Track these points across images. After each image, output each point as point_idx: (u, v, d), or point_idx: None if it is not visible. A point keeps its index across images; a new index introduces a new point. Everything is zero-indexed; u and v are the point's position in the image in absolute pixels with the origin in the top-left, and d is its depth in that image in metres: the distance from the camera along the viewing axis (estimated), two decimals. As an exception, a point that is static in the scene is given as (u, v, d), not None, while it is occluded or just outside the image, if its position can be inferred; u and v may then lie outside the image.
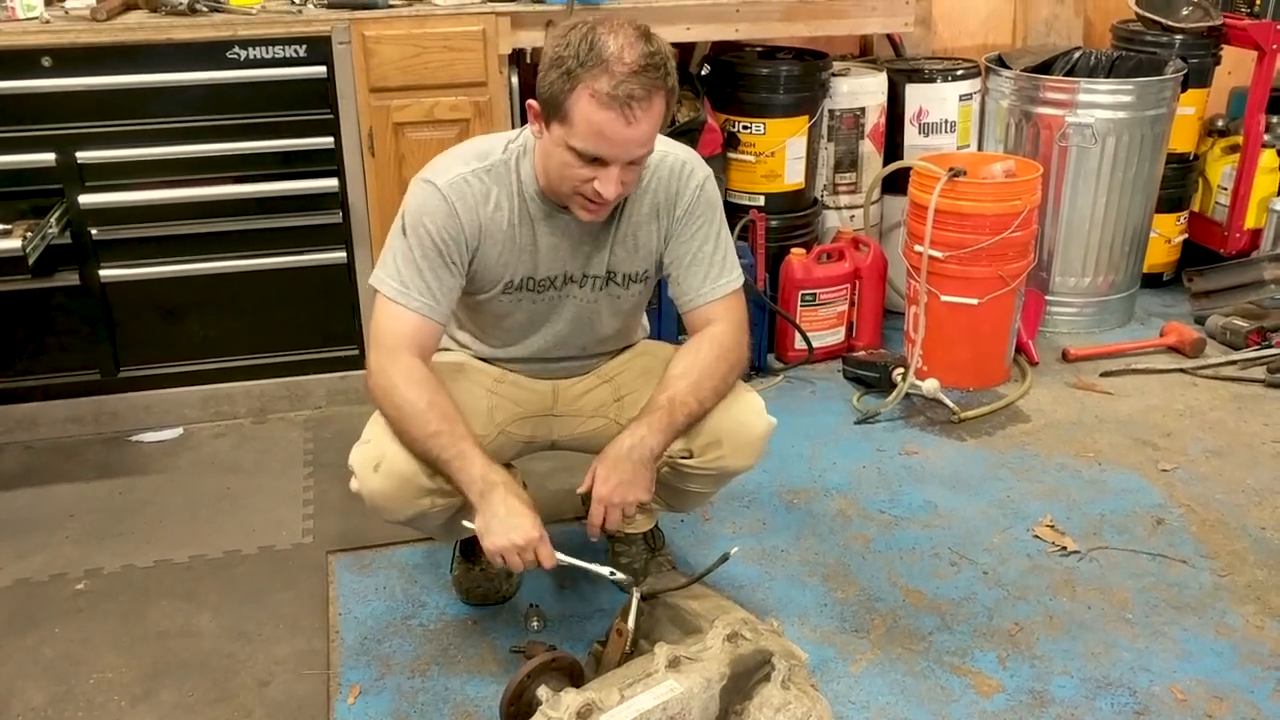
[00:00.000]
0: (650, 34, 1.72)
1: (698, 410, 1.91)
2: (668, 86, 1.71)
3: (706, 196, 1.96)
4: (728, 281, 1.98)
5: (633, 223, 1.95)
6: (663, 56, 1.70)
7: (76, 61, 2.63)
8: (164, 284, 2.87)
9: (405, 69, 2.79)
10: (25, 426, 2.94)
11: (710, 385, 1.92)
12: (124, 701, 2.04)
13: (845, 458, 2.85)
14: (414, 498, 1.90)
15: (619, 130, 1.68)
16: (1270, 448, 2.88)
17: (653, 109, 1.70)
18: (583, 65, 1.66)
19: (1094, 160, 3.36)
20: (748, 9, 3.11)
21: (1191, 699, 2.02)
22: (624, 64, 1.65)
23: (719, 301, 1.97)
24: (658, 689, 1.65)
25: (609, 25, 1.70)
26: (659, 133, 1.78)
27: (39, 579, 2.39)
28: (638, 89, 1.66)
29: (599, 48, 1.66)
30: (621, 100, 1.65)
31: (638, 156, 1.75)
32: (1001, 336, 3.20)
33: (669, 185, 1.93)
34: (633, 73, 1.65)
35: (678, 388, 1.90)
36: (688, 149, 2.00)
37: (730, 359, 1.95)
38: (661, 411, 1.88)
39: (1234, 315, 3.47)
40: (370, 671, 2.09)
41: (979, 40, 3.95)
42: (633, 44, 1.67)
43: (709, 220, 1.97)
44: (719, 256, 1.98)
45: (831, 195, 3.54)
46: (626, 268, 1.99)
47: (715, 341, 1.95)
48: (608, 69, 1.65)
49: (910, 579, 2.36)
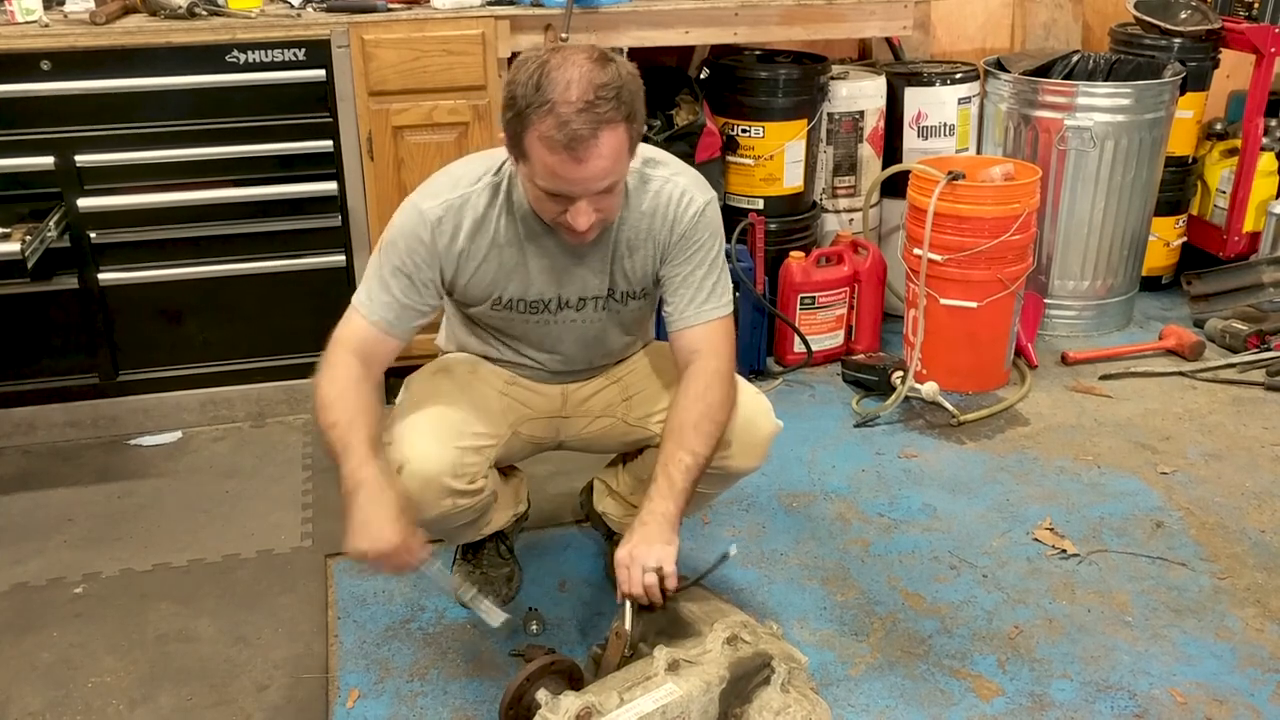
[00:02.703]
0: (608, 60, 1.67)
1: (693, 462, 1.85)
2: (622, 115, 1.65)
3: (705, 223, 1.92)
4: (714, 308, 1.93)
5: (629, 245, 1.93)
6: (614, 87, 1.64)
7: (75, 65, 2.63)
8: (163, 287, 2.86)
9: (404, 72, 2.79)
10: (23, 430, 2.93)
11: (699, 434, 1.86)
12: (122, 706, 2.04)
13: (844, 461, 2.85)
14: (438, 499, 1.91)
15: (572, 170, 1.66)
16: (1269, 451, 2.88)
17: (603, 144, 1.64)
18: (530, 106, 1.63)
19: (1093, 163, 3.36)
20: (746, 13, 3.11)
21: (1191, 702, 2.01)
22: (569, 103, 1.61)
23: (702, 327, 1.92)
24: (657, 692, 1.65)
25: (562, 57, 1.65)
26: (628, 160, 1.73)
27: (37, 583, 2.39)
28: (584, 129, 1.61)
29: (545, 86, 1.62)
30: (566, 143, 1.62)
31: (605, 187, 1.72)
32: (1000, 340, 3.20)
33: (667, 212, 1.90)
34: (579, 111, 1.61)
35: (667, 449, 1.87)
36: (693, 174, 1.96)
37: (710, 398, 1.88)
38: (661, 480, 1.85)
39: (1233, 318, 3.47)
40: (369, 675, 2.09)
41: (977, 44, 3.95)
42: (582, 78, 1.62)
43: (705, 246, 1.93)
44: (709, 282, 1.93)
45: (830, 198, 3.54)
46: (626, 286, 1.98)
47: (690, 388, 1.89)
48: (553, 110, 1.61)
49: (909, 582, 2.36)
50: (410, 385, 2.07)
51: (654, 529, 1.81)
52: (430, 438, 1.90)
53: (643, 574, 1.78)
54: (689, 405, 1.87)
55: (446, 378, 2.05)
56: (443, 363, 2.12)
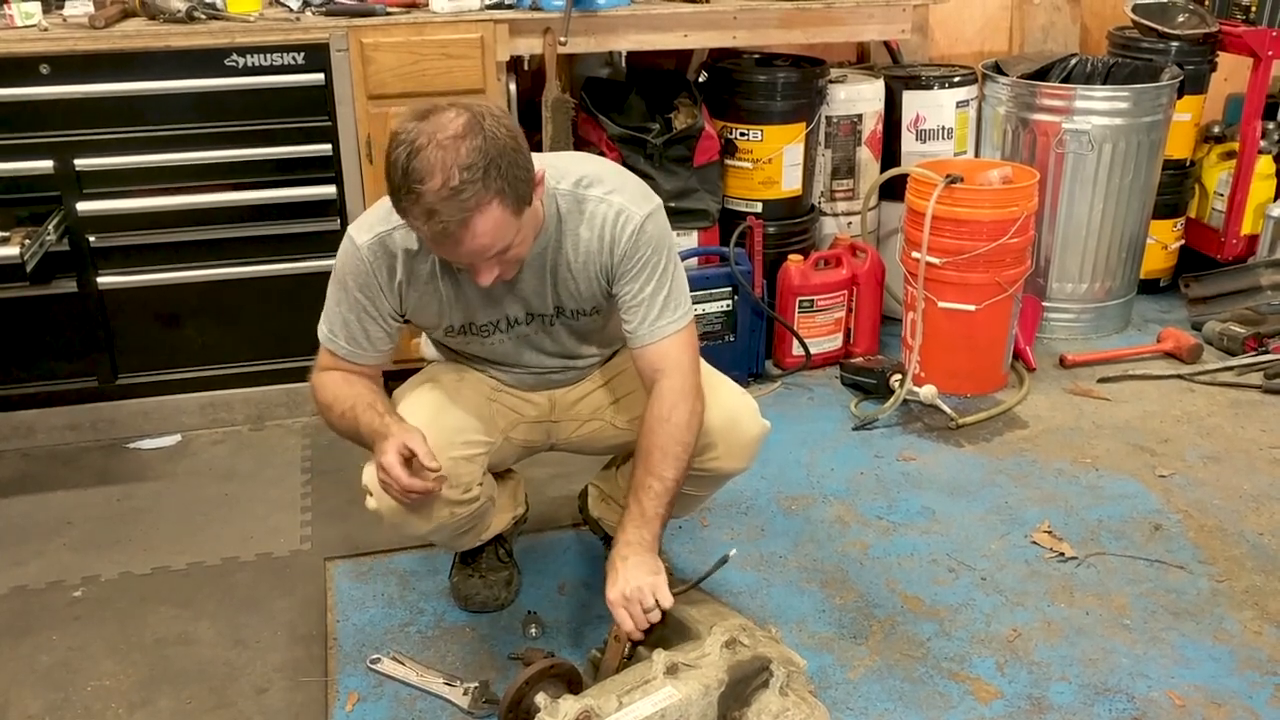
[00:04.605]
0: (476, 129, 1.60)
1: (661, 488, 1.84)
2: (492, 192, 1.60)
3: (646, 238, 1.85)
4: (668, 323, 1.88)
5: (571, 269, 1.90)
6: (480, 167, 1.58)
7: (74, 69, 2.63)
8: (162, 291, 2.86)
9: (403, 76, 2.79)
10: (23, 434, 2.93)
11: (665, 458, 1.84)
12: (121, 709, 2.04)
13: (843, 464, 2.85)
14: (434, 510, 1.92)
15: (454, 252, 1.67)
16: (1267, 453, 2.88)
17: (476, 227, 1.61)
18: (399, 191, 1.61)
19: (1090, 167, 3.36)
20: (745, 16, 3.11)
21: (1189, 704, 2.02)
22: (434, 193, 1.57)
23: (661, 344, 1.88)
24: (656, 696, 1.65)
25: (429, 135, 1.58)
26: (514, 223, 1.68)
27: (36, 586, 2.39)
28: (451, 220, 1.59)
29: (412, 175, 1.58)
30: (438, 235, 1.62)
31: (496, 253, 1.69)
32: (999, 342, 3.20)
33: (604, 234, 1.86)
34: (444, 199, 1.57)
35: (636, 475, 1.87)
36: (632, 187, 1.89)
37: (675, 419, 1.85)
38: (634, 507, 1.85)
39: (1231, 321, 3.48)
40: (368, 679, 2.09)
41: (976, 47, 3.96)
42: (444, 164, 1.57)
43: (649, 263, 1.87)
44: (660, 297, 1.88)
45: (829, 202, 3.54)
46: (573, 304, 1.96)
47: (654, 411, 1.87)
48: (419, 201, 1.58)
49: (908, 585, 2.36)
50: (399, 399, 2.04)
51: (635, 562, 1.80)
52: None
53: (644, 614, 1.78)
54: (654, 429, 1.85)
55: (434, 388, 2.04)
56: (429, 373, 2.11)
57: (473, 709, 1.98)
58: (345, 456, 1.95)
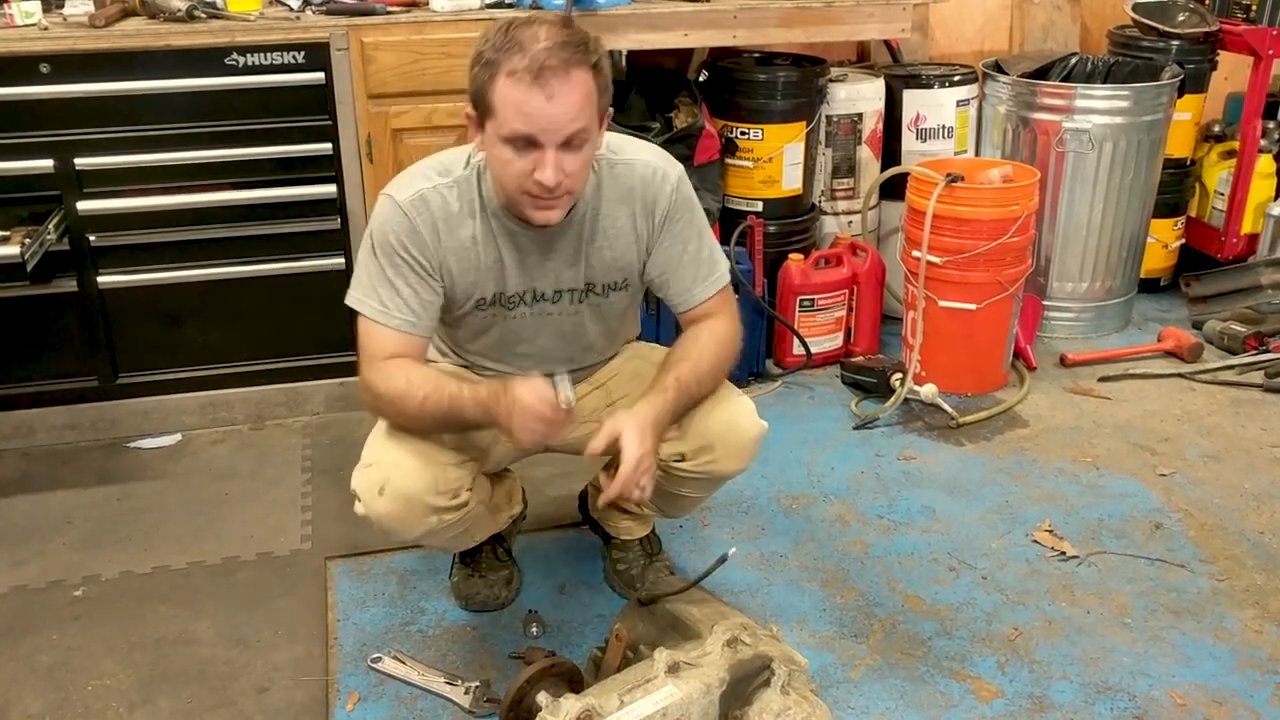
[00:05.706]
0: (571, 23, 1.73)
1: (697, 393, 1.92)
2: (590, 62, 1.69)
3: (682, 197, 1.95)
4: (718, 277, 2.00)
5: (608, 235, 1.92)
6: (582, 36, 1.70)
7: (74, 68, 2.63)
8: (162, 290, 2.86)
9: (403, 75, 2.79)
10: (23, 433, 2.93)
11: (710, 370, 1.93)
12: (122, 709, 2.04)
13: (843, 463, 2.85)
14: (422, 516, 1.90)
15: (540, 105, 1.66)
16: (1268, 452, 2.89)
17: (573, 83, 1.67)
18: (499, 51, 1.67)
19: (1091, 166, 3.36)
20: (745, 15, 3.11)
21: (1190, 704, 2.02)
22: (539, 43, 1.66)
23: (712, 299, 1.99)
24: (657, 694, 1.65)
25: (528, 19, 1.72)
26: (596, 117, 1.74)
27: (36, 585, 2.39)
28: (552, 60, 1.65)
29: (515, 35, 1.68)
30: (536, 73, 1.65)
31: (571, 135, 1.70)
32: (999, 342, 3.20)
33: (644, 193, 1.91)
34: (547, 49, 1.65)
35: (682, 369, 1.90)
36: (654, 149, 1.98)
37: (727, 348, 1.97)
38: (671, 391, 1.87)
39: (1231, 320, 3.48)
40: (369, 678, 2.09)
41: (976, 46, 3.96)
42: (549, 29, 1.68)
43: (689, 221, 1.96)
44: (704, 255, 1.98)
45: (829, 201, 3.54)
46: (604, 278, 1.97)
47: (713, 332, 1.97)
48: (522, 48, 1.66)
49: (909, 584, 2.36)
50: None
51: (657, 441, 1.83)
52: (410, 455, 1.87)
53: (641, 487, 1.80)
54: (710, 342, 1.95)
55: None
56: None
57: (474, 708, 1.98)
58: (345, 456, 1.94)
